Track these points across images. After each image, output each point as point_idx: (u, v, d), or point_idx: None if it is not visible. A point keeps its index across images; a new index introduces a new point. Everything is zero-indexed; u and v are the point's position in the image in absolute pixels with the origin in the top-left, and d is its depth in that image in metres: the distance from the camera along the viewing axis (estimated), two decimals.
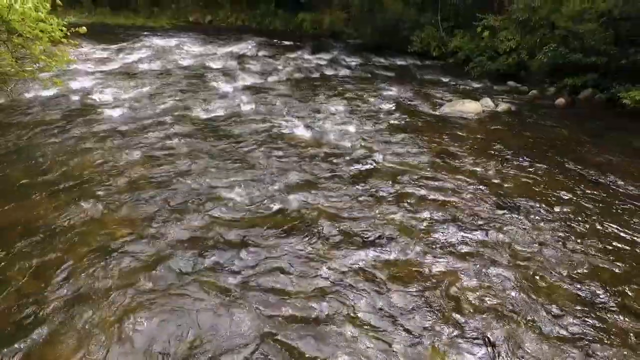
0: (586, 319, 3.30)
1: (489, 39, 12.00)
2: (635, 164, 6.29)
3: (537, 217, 4.74)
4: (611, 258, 4.06)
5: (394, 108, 8.77)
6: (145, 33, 18.08)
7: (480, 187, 5.41)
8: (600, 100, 9.61)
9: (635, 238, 4.40)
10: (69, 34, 5.93)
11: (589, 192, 5.41)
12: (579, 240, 4.34)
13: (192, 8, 23.45)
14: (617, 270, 3.88)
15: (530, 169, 6.01)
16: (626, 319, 3.31)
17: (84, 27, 6.01)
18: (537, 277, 3.75)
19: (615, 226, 4.62)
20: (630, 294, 3.59)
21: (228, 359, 2.79)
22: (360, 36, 16.11)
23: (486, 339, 3.07)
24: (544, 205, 5.00)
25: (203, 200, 4.75)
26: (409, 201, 4.95)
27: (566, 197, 5.23)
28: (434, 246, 4.13)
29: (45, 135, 6.44)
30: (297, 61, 13.65)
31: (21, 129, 6.62)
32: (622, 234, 4.47)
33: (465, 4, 13.70)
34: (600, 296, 3.55)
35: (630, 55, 8.74)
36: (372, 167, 5.87)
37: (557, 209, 4.93)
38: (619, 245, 4.28)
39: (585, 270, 3.87)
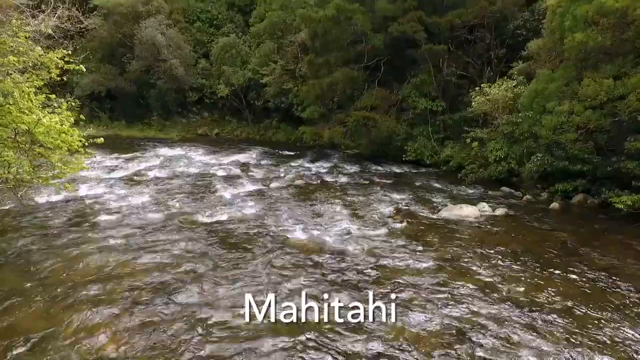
0: None
1: (478, 148, 12.82)
2: None
3: (551, 325, 4.51)
4: None
5: (392, 212, 8.94)
6: (155, 144, 19.31)
7: (487, 293, 5.24)
8: (593, 204, 9.87)
9: None
10: (86, 144, 6.36)
11: (601, 298, 5.22)
12: (596, 351, 4.07)
13: (200, 122, 25.45)
14: None
15: (537, 274, 5.88)
16: None
17: (101, 138, 6.49)
18: None
19: (632, 334, 4.37)
20: None
21: None
22: (357, 147, 17.22)
23: None
24: (556, 312, 4.79)
25: (200, 311, 4.56)
26: (413, 311, 4.77)
27: (576, 303, 5.03)
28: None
29: (49, 240, 6.45)
30: (298, 169, 14.35)
31: (27, 233, 6.68)
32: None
33: (453, 120, 15.00)
34: None
35: (614, 164, 9.24)
36: (373, 273, 5.75)
37: (568, 316, 4.71)
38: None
39: None
